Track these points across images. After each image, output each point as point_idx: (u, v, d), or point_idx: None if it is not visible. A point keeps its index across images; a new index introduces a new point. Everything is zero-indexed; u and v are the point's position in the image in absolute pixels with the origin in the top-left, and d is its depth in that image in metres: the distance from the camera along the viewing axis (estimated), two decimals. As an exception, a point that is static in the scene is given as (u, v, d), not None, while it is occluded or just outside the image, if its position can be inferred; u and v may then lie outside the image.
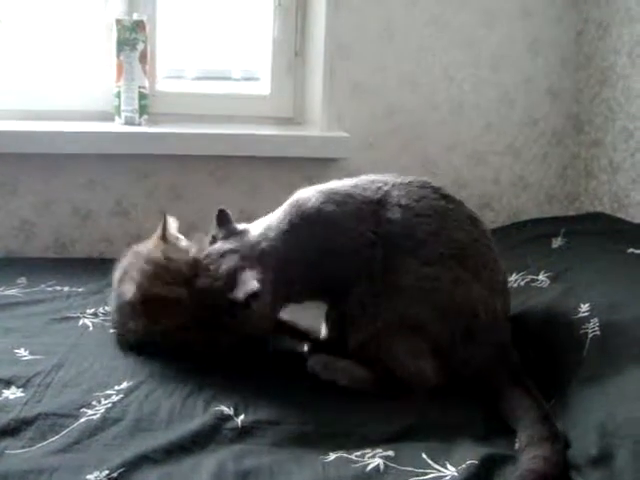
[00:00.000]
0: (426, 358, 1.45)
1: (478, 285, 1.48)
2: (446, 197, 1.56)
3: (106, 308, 1.74)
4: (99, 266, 1.94)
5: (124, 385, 1.43)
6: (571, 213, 2.32)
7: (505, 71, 2.29)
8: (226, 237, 1.56)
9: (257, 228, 1.57)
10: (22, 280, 1.92)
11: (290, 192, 1.61)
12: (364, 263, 1.50)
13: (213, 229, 1.59)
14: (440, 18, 2.22)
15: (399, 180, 1.57)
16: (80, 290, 1.87)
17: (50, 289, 1.87)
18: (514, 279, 1.77)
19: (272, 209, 1.66)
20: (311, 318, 1.68)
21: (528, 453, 1.25)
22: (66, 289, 1.86)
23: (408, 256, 1.48)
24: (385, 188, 1.55)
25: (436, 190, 1.56)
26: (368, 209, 1.53)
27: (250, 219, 2.23)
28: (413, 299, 1.46)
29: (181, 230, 2.20)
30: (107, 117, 2.22)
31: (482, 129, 2.31)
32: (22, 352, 1.55)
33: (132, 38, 2.16)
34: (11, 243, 2.17)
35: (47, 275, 1.92)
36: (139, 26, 2.16)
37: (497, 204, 2.32)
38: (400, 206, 1.52)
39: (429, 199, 1.54)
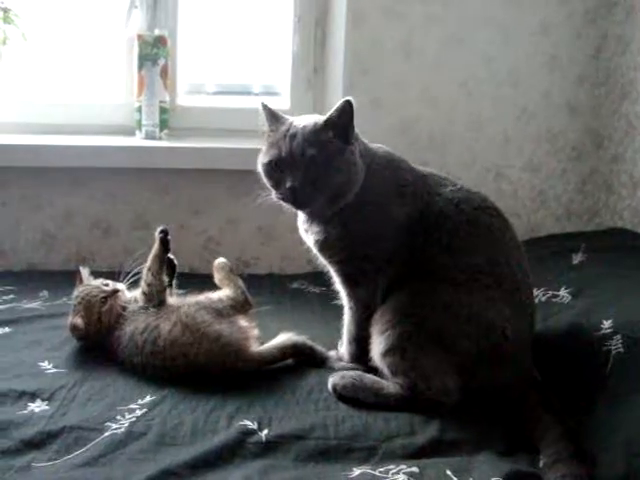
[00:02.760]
0: (451, 375, 1.45)
1: (508, 308, 1.48)
2: (502, 219, 1.58)
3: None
4: (119, 279, 1.94)
5: (148, 399, 1.44)
6: (591, 228, 2.31)
7: (524, 86, 2.29)
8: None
9: None
10: (44, 293, 1.94)
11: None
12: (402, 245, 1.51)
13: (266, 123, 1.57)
14: (458, 34, 2.23)
15: (459, 184, 1.59)
16: (101, 303, 1.88)
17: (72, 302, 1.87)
18: (535, 294, 1.77)
19: (292, 225, 1.67)
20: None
21: (555, 471, 1.25)
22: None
23: (447, 265, 1.49)
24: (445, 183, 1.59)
25: (494, 209, 1.58)
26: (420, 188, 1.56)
27: (269, 235, 2.27)
28: (446, 313, 1.46)
29: (199, 243, 2.24)
30: (128, 131, 2.24)
31: (501, 144, 2.32)
32: (46, 365, 1.57)
33: (153, 53, 2.18)
34: (33, 256, 2.19)
35: (69, 288, 1.90)
36: (160, 41, 2.19)
37: (516, 219, 2.30)
38: (454, 204, 1.53)
39: (486, 214, 1.55)
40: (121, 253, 2.18)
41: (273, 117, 1.55)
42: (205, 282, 1.87)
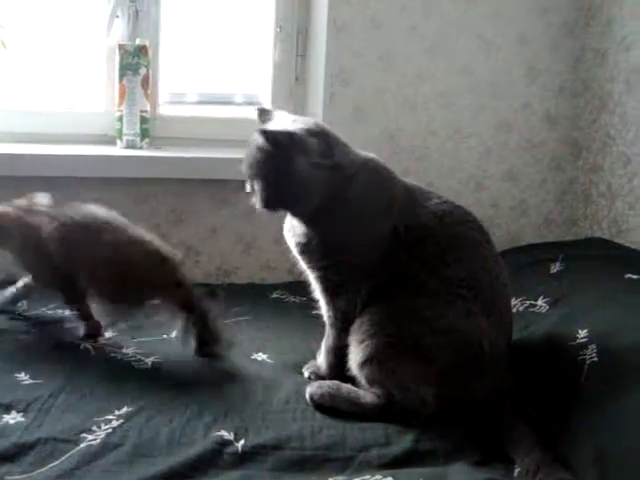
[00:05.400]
0: (428, 385, 1.45)
1: (486, 320, 1.49)
2: (482, 233, 1.59)
3: (106, 334, 1.75)
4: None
5: (124, 410, 1.44)
6: (569, 238, 2.33)
7: (503, 97, 2.31)
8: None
9: None
10: (22, 303, 1.92)
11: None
12: (385, 258, 1.51)
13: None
14: (439, 45, 2.25)
15: (443, 197, 1.61)
16: (81, 314, 1.87)
17: (51, 312, 1.87)
18: (513, 304, 1.78)
19: (273, 234, 1.67)
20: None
21: (532, 477, 1.26)
22: (67, 313, 1.86)
23: (425, 277, 1.49)
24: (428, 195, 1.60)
25: (476, 222, 1.60)
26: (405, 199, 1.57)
27: (249, 244, 2.27)
28: (424, 324, 1.46)
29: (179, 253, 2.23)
30: (109, 141, 2.23)
31: (481, 154, 2.33)
32: (22, 376, 1.55)
33: (135, 63, 2.18)
34: (11, 266, 2.17)
35: (47, 298, 1.91)
36: (142, 51, 2.19)
37: (496, 229, 2.33)
38: (438, 218, 1.54)
39: (468, 228, 1.57)
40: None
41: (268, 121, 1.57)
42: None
